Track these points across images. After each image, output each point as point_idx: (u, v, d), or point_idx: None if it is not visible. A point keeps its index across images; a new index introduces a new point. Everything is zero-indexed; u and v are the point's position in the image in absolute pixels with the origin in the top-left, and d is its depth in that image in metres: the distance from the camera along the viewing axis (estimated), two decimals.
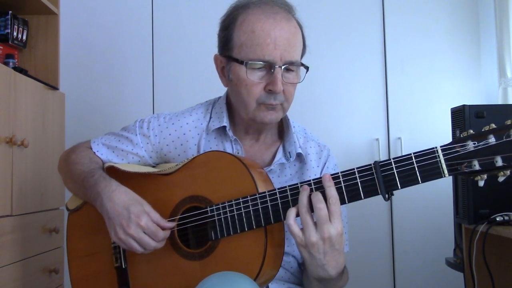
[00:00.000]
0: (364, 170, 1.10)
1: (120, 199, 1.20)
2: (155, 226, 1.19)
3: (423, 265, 2.72)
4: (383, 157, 2.76)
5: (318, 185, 1.12)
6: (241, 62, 1.23)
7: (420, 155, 1.07)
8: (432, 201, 2.67)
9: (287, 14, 1.26)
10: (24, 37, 2.20)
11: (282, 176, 1.34)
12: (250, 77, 1.22)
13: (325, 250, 1.09)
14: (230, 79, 1.28)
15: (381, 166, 1.08)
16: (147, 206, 1.21)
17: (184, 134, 1.36)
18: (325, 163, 1.39)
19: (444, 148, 1.05)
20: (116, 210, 1.19)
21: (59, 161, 1.46)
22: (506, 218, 1.74)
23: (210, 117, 1.37)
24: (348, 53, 2.82)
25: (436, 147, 1.06)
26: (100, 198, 1.22)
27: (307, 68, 1.27)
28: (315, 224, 1.08)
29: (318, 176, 1.36)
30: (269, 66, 1.22)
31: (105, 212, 1.21)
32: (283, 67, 1.22)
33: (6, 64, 2.03)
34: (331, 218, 1.08)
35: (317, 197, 1.09)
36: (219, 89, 1.41)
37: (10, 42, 2.12)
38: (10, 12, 2.10)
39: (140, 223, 1.17)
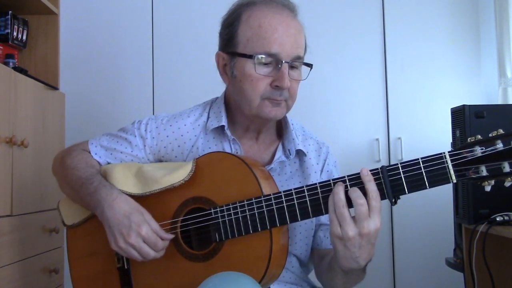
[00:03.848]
0: (371, 174, 1.09)
1: (121, 208, 1.20)
2: (155, 236, 1.19)
3: (423, 265, 2.72)
4: (383, 157, 2.77)
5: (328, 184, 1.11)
6: (249, 56, 1.22)
7: (427, 160, 1.06)
8: (432, 201, 2.67)
9: (292, 12, 1.27)
10: (24, 37, 2.20)
11: (282, 174, 1.34)
12: (258, 71, 1.22)
13: (361, 244, 1.08)
14: (234, 75, 1.28)
15: (388, 171, 1.08)
16: (147, 215, 1.21)
17: (181, 135, 1.35)
18: (325, 160, 1.39)
19: (452, 154, 1.04)
20: (116, 218, 1.19)
21: (53, 162, 1.44)
22: (506, 218, 1.74)
23: (208, 117, 1.36)
24: (348, 53, 2.82)
25: (443, 153, 1.05)
26: (101, 206, 1.22)
27: (311, 66, 1.28)
28: (353, 218, 1.07)
29: (318, 173, 1.37)
30: (276, 62, 1.22)
31: (106, 221, 1.21)
32: (290, 62, 1.22)
33: (6, 64, 2.03)
34: (371, 213, 1.06)
35: (357, 193, 1.07)
36: (219, 89, 1.41)
37: (10, 42, 2.12)
38: (10, 12, 2.10)
39: (141, 232, 1.17)
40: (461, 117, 1.86)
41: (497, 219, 1.74)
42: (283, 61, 1.21)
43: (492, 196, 1.77)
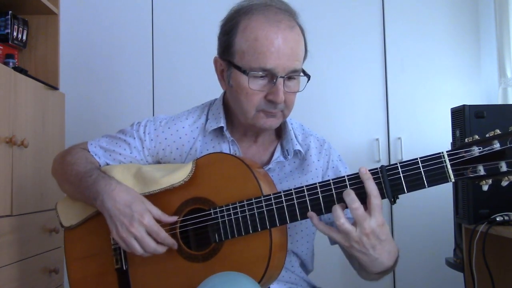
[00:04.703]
0: (371, 174, 1.09)
1: (122, 198, 1.20)
2: (158, 226, 1.19)
3: (423, 265, 2.72)
4: (383, 157, 2.77)
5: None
6: (243, 71, 1.21)
7: (426, 159, 1.07)
8: (432, 201, 2.67)
9: (291, 21, 1.23)
10: (24, 37, 2.20)
11: (281, 174, 1.34)
12: (252, 86, 1.21)
13: (373, 244, 1.09)
14: (230, 84, 1.27)
15: (387, 170, 1.08)
16: (148, 204, 1.21)
17: (180, 138, 1.35)
18: (328, 156, 1.38)
19: (450, 153, 1.06)
20: (117, 208, 1.19)
21: (53, 163, 1.43)
22: (506, 218, 1.74)
23: (207, 119, 1.36)
24: (348, 53, 2.82)
25: (442, 152, 1.06)
26: (101, 197, 1.21)
27: (308, 77, 1.26)
28: (354, 222, 1.08)
29: (319, 170, 1.36)
30: (271, 76, 1.21)
31: (106, 211, 1.20)
32: (285, 77, 1.21)
33: (6, 64, 2.03)
34: (371, 211, 1.07)
35: (350, 196, 1.07)
36: (219, 90, 1.40)
37: (10, 42, 2.12)
38: (10, 12, 2.10)
39: (143, 222, 1.17)
40: (461, 117, 1.86)
41: (497, 219, 1.74)
42: (278, 76, 1.20)
43: (492, 196, 1.78)
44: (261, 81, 1.22)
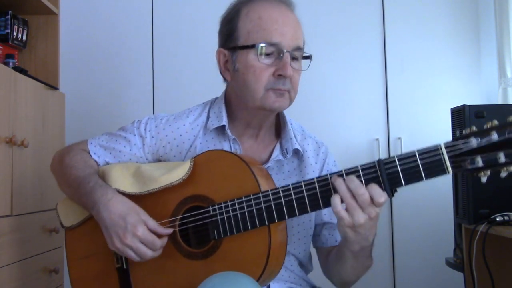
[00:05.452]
0: (368, 167, 1.10)
1: (117, 209, 1.20)
2: (152, 235, 1.19)
3: (423, 265, 2.72)
4: (383, 157, 2.76)
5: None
6: (252, 46, 1.24)
7: (423, 152, 1.07)
8: (432, 201, 2.67)
9: (289, 7, 1.29)
10: (24, 37, 2.21)
11: (280, 173, 1.34)
12: (261, 60, 1.23)
13: (371, 225, 1.10)
14: (236, 69, 1.28)
15: (385, 164, 1.09)
16: (143, 215, 1.21)
17: (180, 135, 1.35)
18: (324, 160, 1.39)
19: (448, 145, 1.06)
20: (112, 219, 1.19)
21: (52, 160, 1.44)
22: (506, 218, 1.74)
23: (208, 117, 1.37)
24: (348, 53, 2.82)
25: (439, 144, 1.06)
26: (97, 207, 1.22)
27: (310, 58, 1.29)
28: (360, 205, 1.08)
29: (316, 172, 1.37)
30: (278, 52, 1.23)
31: (102, 221, 1.21)
32: (291, 52, 1.24)
33: (6, 64, 2.03)
34: (374, 200, 1.08)
35: (355, 183, 1.08)
36: (219, 89, 1.41)
37: (10, 42, 2.12)
38: (10, 12, 2.11)
39: (137, 233, 1.17)
40: (461, 117, 1.86)
41: (497, 219, 1.74)
42: (285, 51, 1.23)
43: (492, 196, 1.78)
44: (268, 59, 1.25)
